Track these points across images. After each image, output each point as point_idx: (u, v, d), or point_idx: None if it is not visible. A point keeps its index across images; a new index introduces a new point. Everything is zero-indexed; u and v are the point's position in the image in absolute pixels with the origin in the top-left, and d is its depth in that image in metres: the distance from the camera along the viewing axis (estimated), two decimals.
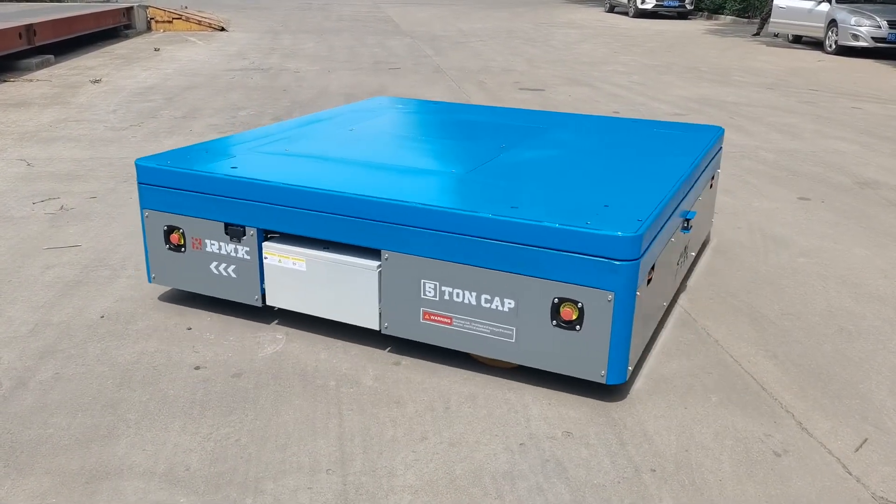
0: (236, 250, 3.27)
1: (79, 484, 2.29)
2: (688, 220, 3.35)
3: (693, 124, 4.39)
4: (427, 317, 2.94)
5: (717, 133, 4.21)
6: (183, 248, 3.38)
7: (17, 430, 2.55)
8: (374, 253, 3.00)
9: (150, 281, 3.51)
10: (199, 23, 17.00)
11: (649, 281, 2.83)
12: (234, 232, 3.26)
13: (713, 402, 2.80)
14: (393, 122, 4.43)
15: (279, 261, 3.18)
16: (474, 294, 2.82)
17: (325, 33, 17.03)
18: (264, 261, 3.21)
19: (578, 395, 2.81)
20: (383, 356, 3.07)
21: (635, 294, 2.62)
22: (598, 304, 2.62)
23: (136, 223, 4.57)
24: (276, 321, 3.35)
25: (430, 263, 2.87)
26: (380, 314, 3.04)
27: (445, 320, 2.90)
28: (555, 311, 2.70)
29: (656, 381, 2.92)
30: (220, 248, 3.32)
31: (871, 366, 3.08)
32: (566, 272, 2.64)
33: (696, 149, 3.75)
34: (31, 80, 9.96)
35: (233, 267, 3.30)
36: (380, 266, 2.98)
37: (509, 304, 2.77)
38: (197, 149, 3.67)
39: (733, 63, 13.25)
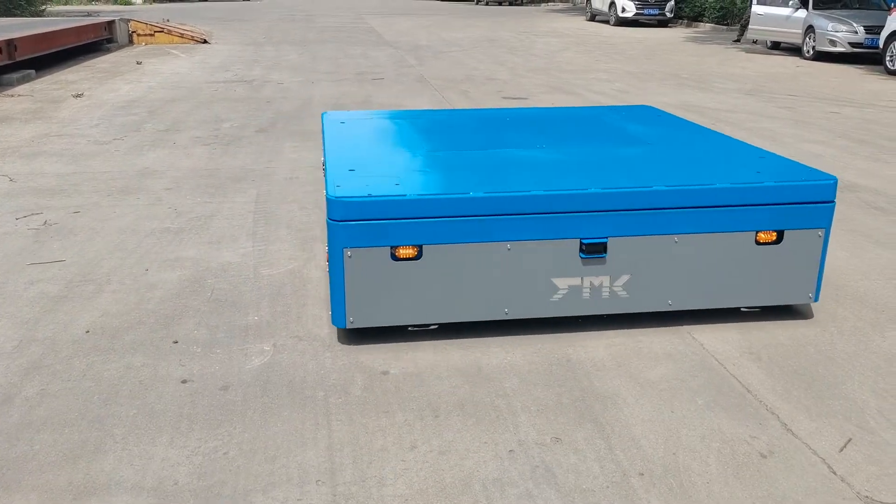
0: None
1: (66, 500, 2.28)
2: (586, 245, 3.19)
3: (805, 166, 3.68)
4: None
5: (772, 179, 3.37)
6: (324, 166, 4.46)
7: (3, 447, 2.53)
8: None
9: None
10: (182, 35, 16.97)
11: (407, 259, 3.16)
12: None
13: (699, 405, 2.83)
14: (541, 119, 4.82)
15: None
16: None
17: (308, 45, 17.04)
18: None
19: (567, 401, 2.83)
20: (371, 366, 3.07)
21: (341, 251, 3.12)
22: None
23: (120, 237, 4.56)
24: (263, 333, 3.35)
25: None
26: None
27: None
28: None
29: (643, 386, 2.94)
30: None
31: (853, 366, 3.12)
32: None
33: (658, 182, 3.30)
34: (11, 96, 9.90)
35: None
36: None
37: None
38: (365, 112, 5.09)
39: (713, 69, 13.39)
